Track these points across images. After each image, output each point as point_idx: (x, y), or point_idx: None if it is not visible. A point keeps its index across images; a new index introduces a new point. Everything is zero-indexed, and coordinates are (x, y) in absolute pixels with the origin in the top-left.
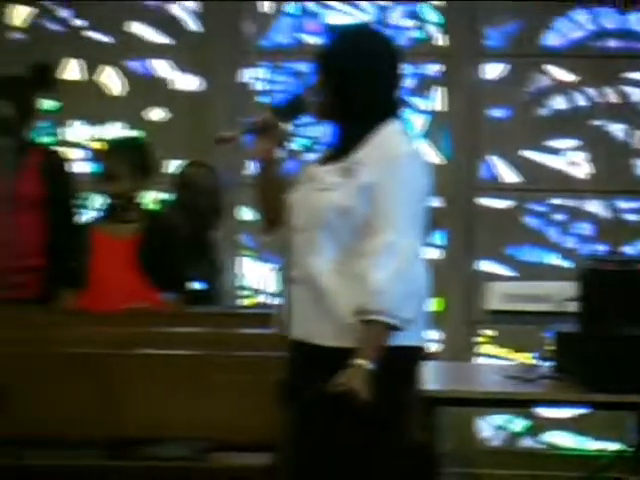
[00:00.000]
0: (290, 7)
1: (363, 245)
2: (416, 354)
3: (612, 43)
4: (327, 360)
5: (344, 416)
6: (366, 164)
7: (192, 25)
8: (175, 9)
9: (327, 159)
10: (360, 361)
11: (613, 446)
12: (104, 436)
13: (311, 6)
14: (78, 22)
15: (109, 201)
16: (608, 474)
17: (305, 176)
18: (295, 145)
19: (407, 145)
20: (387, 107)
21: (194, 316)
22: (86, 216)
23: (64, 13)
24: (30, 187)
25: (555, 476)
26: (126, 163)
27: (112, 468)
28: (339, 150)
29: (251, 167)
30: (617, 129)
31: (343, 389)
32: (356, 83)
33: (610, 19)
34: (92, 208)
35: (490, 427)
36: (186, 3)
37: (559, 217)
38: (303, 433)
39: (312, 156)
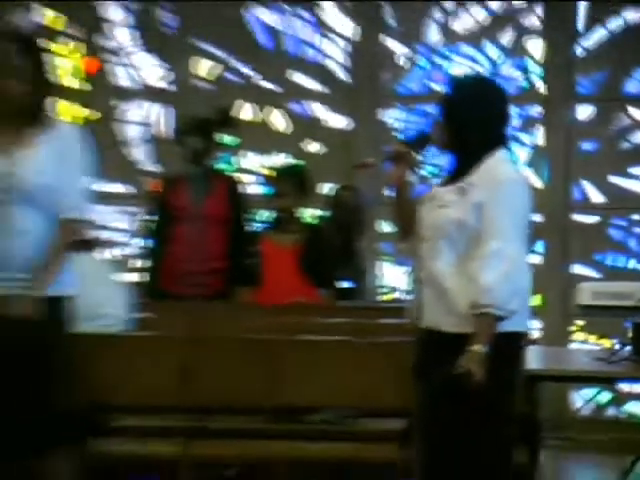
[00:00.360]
0: (421, 61)
1: (475, 251)
2: (521, 339)
3: None
4: (449, 344)
5: (464, 391)
6: (477, 185)
7: (342, 75)
8: (329, 62)
9: (446, 182)
10: (476, 347)
11: None
12: (271, 405)
13: (438, 59)
14: (252, 74)
15: (275, 215)
16: None
17: (429, 196)
18: (424, 171)
19: (511, 171)
20: (496, 141)
21: (343, 309)
22: (257, 227)
23: (240, 66)
24: (216, 207)
25: (634, 439)
26: (290, 185)
27: (277, 430)
28: (456, 174)
29: (388, 189)
30: None
31: (463, 370)
32: (471, 125)
33: None
34: (261, 221)
35: (581, 399)
36: (337, 57)
37: (638, 230)
38: (432, 405)
39: (437, 181)
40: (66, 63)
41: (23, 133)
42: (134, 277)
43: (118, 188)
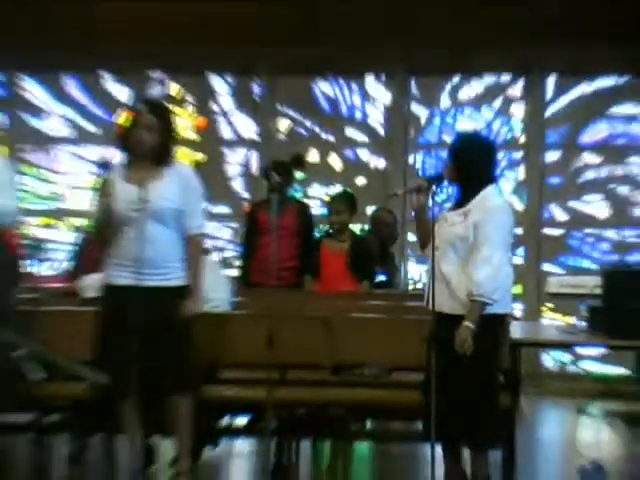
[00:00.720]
0: (436, 119)
1: (472, 257)
2: (505, 317)
3: None
4: (452, 321)
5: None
6: (475, 211)
7: (380, 130)
8: (371, 121)
9: (453, 207)
10: (467, 323)
11: (621, 371)
12: (331, 362)
13: (448, 119)
14: (317, 129)
15: (331, 229)
16: (618, 387)
17: (442, 217)
18: (437, 198)
19: (498, 200)
20: (488, 179)
21: (379, 295)
22: (318, 237)
23: (308, 124)
24: (289, 223)
25: (586, 388)
26: (343, 207)
27: (335, 381)
28: (460, 202)
29: (412, 212)
30: None
31: (461, 337)
32: (471, 168)
33: None
34: (321, 232)
35: (550, 359)
36: (377, 117)
37: (590, 240)
38: (445, 359)
39: (447, 205)
40: (184, 121)
41: (154, 170)
42: (233, 272)
43: (222, 209)
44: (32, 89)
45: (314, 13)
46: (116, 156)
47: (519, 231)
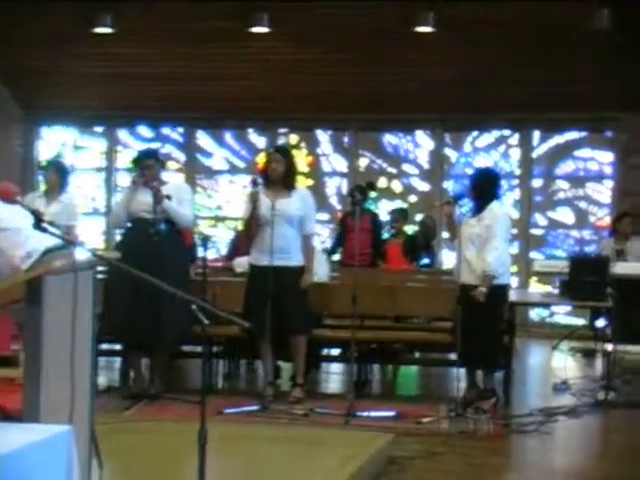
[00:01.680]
0: (462, 159)
1: (485, 247)
2: (506, 287)
3: None
4: (472, 288)
5: (480, 305)
6: (487, 217)
7: (426, 165)
8: (419, 160)
9: (472, 215)
10: (481, 288)
11: (581, 322)
12: (392, 313)
13: (469, 159)
14: (384, 165)
15: (393, 230)
16: (578, 332)
17: (464, 221)
18: (463, 209)
19: (502, 210)
20: (495, 197)
21: (424, 272)
22: (384, 236)
23: (379, 162)
24: (365, 225)
25: (558, 332)
26: (400, 215)
27: (396, 326)
28: (476, 211)
29: (445, 218)
30: None
31: (477, 297)
32: (483, 189)
33: None
34: (386, 232)
35: (534, 314)
36: (424, 157)
37: (561, 237)
38: (468, 312)
39: (466, 214)
40: (300, 160)
41: (283, 191)
42: (331, 257)
43: (324, 216)
44: (202, 138)
45: (381, 90)
46: (259, 180)
47: (515, 231)
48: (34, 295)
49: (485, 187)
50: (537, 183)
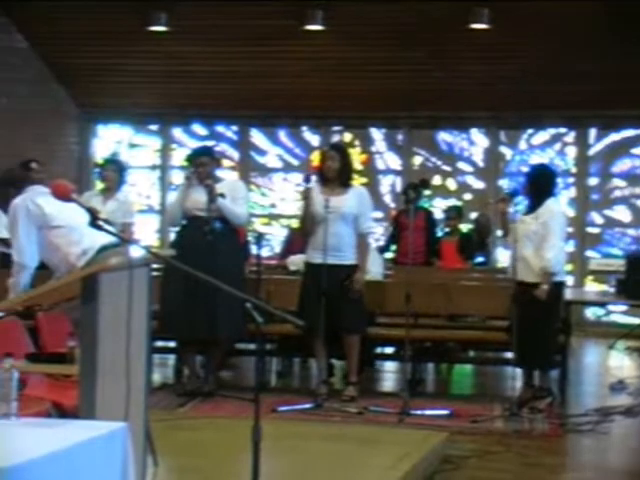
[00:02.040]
0: (517, 156)
1: (543, 245)
2: (562, 285)
3: None
4: (529, 285)
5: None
6: (543, 214)
7: (481, 163)
8: (475, 157)
9: (527, 212)
10: (544, 286)
11: (637, 320)
12: (446, 312)
13: (524, 156)
14: (439, 163)
15: (448, 228)
16: (635, 331)
17: (519, 219)
18: (518, 207)
19: (558, 207)
20: (550, 193)
21: (479, 270)
22: (439, 234)
23: (434, 160)
24: (420, 223)
25: (614, 331)
26: (454, 214)
27: (449, 325)
28: (532, 209)
29: (499, 216)
30: None
31: (539, 296)
32: (540, 186)
33: None
34: (440, 230)
35: (590, 313)
36: (479, 154)
37: (617, 236)
38: (524, 311)
39: (520, 211)
40: (354, 158)
41: (339, 188)
42: (385, 255)
43: (378, 214)
44: (256, 136)
45: (435, 88)
46: (312, 177)
47: (571, 229)
48: (90, 292)
49: (541, 184)
50: (593, 181)
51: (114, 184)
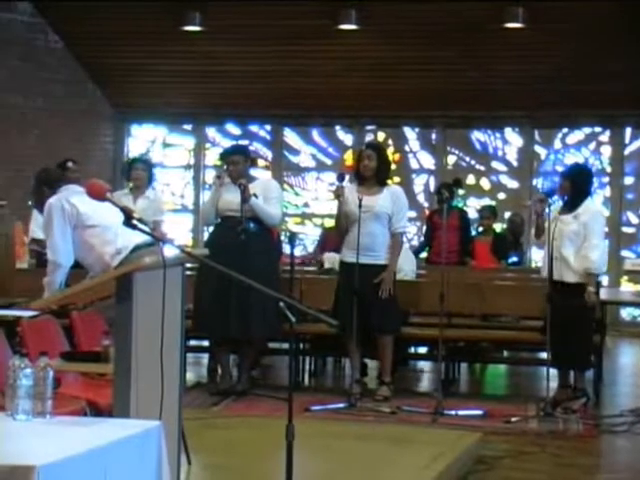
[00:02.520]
0: (551, 155)
1: (584, 245)
2: (599, 284)
3: None
4: (570, 286)
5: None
6: (583, 214)
7: (515, 163)
8: (508, 157)
9: (563, 211)
10: (590, 288)
11: None
12: (480, 312)
13: (559, 155)
14: (473, 162)
15: (482, 227)
16: None
17: (556, 218)
18: (552, 205)
19: (596, 207)
20: (588, 193)
21: (512, 269)
22: (472, 233)
23: (467, 159)
24: (453, 222)
25: None
26: (488, 213)
27: (483, 325)
28: (570, 207)
29: (534, 215)
30: None
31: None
32: (577, 186)
33: None
34: (474, 229)
35: (625, 313)
36: (512, 154)
37: None
38: (561, 312)
39: (555, 210)
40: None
41: (374, 187)
42: (418, 254)
43: (411, 214)
44: (289, 135)
45: (469, 87)
46: (346, 175)
47: (606, 229)
48: (124, 291)
49: (580, 183)
50: (629, 181)
51: (143, 183)
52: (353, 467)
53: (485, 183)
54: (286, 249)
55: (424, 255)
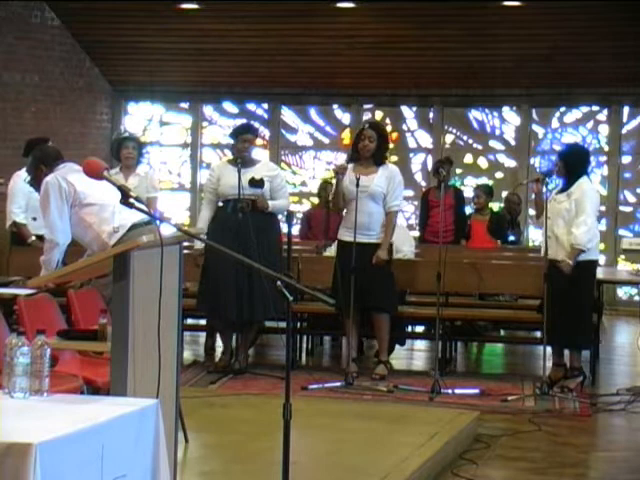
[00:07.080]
0: (549, 135)
1: (574, 222)
2: (594, 263)
3: None
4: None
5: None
6: (575, 192)
7: (512, 142)
8: (506, 136)
9: (559, 191)
10: (568, 261)
11: None
12: (477, 291)
13: (557, 134)
14: (470, 141)
15: (476, 206)
16: None
17: (552, 198)
18: (551, 186)
19: (590, 186)
20: (583, 172)
21: (510, 249)
22: (468, 212)
23: (465, 137)
24: (449, 201)
25: None
26: (484, 192)
27: (480, 304)
28: (565, 188)
29: (532, 195)
30: None
31: (563, 269)
32: (573, 165)
33: None
34: (470, 208)
35: (622, 292)
36: (510, 133)
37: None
38: (557, 289)
39: (553, 190)
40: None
41: (371, 166)
42: (414, 233)
43: (408, 193)
44: (287, 114)
45: (467, 65)
46: (343, 156)
47: (603, 208)
48: (121, 270)
49: (574, 163)
50: (626, 159)
51: (134, 161)
52: (350, 445)
53: (483, 162)
54: (284, 228)
55: (416, 234)
